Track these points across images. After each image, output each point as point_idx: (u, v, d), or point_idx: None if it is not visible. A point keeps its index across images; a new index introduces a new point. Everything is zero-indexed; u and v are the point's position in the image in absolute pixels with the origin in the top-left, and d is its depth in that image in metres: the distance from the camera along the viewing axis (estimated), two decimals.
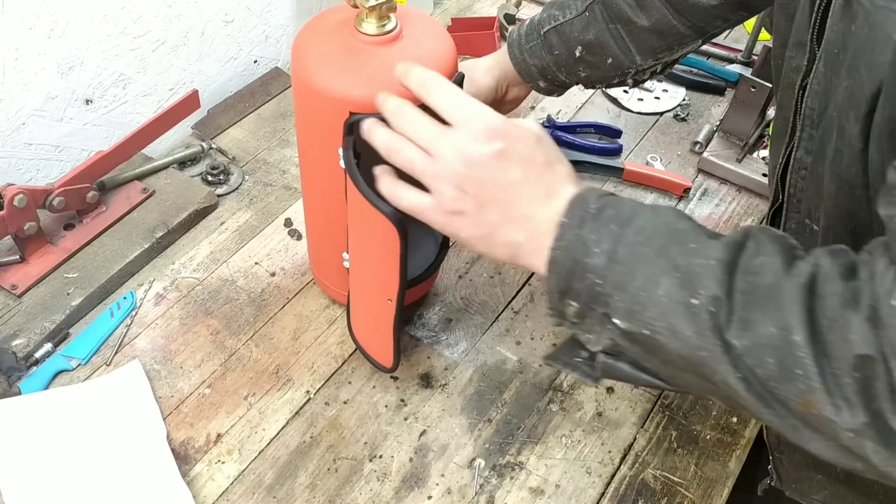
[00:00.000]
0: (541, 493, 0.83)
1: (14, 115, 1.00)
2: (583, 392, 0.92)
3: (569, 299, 0.56)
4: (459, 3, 1.53)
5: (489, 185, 0.58)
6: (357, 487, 0.83)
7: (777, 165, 0.68)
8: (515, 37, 0.93)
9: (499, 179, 0.58)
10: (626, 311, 0.53)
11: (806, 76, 0.61)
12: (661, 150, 1.23)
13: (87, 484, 0.80)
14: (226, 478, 0.83)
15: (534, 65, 0.92)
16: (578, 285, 0.55)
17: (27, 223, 0.95)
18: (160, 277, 1.01)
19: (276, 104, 1.27)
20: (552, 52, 0.90)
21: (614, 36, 0.87)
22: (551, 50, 0.90)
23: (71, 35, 1.01)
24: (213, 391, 0.90)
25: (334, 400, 0.90)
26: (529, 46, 0.92)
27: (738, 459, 0.87)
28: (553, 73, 0.92)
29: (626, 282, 0.53)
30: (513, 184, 0.58)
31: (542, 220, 0.58)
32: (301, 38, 0.78)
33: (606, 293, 0.54)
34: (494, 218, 0.59)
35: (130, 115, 1.15)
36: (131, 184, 1.08)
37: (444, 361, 0.94)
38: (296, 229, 1.08)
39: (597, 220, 0.55)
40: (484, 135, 0.58)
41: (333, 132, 0.75)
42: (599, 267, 0.54)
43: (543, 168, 0.60)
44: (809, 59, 0.60)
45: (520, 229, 0.59)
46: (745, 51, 1.38)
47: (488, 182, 0.58)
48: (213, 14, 1.19)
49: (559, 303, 0.57)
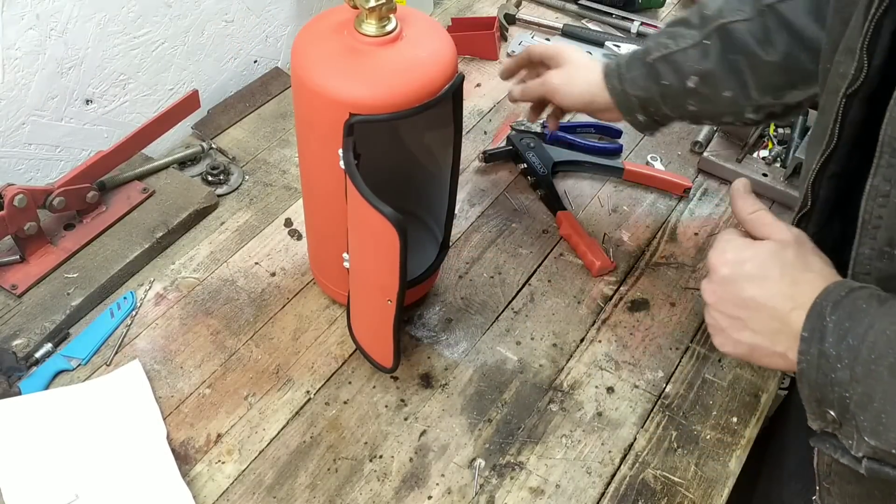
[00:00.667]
0: (541, 493, 0.83)
1: (14, 115, 1.00)
2: (583, 392, 0.92)
3: (825, 408, 0.57)
4: (459, 4, 1.53)
5: (729, 304, 0.63)
6: (357, 487, 0.83)
7: (810, 170, 0.66)
8: (614, 67, 0.90)
9: (735, 299, 0.62)
10: (872, 431, 0.53)
11: (851, 85, 0.60)
12: (661, 150, 1.23)
13: (87, 484, 0.80)
14: (226, 478, 0.83)
15: (635, 96, 0.89)
16: (830, 396, 0.55)
17: (27, 223, 0.95)
18: (160, 277, 1.01)
19: (276, 104, 1.27)
20: (659, 81, 0.86)
21: (734, 69, 0.83)
22: (658, 80, 0.86)
23: (71, 35, 1.01)
24: (213, 391, 0.90)
25: (334, 400, 0.90)
26: (631, 76, 0.88)
27: (738, 459, 0.87)
28: (657, 106, 0.89)
29: (866, 402, 0.53)
30: (749, 301, 0.61)
31: (786, 333, 0.59)
32: (301, 38, 0.78)
33: (853, 410, 0.54)
34: (744, 335, 0.62)
35: (130, 115, 1.15)
36: (131, 184, 1.08)
37: (444, 361, 0.94)
38: (296, 229, 1.08)
39: (835, 334, 0.55)
40: (717, 261, 0.64)
41: (333, 133, 0.75)
42: (845, 381, 0.54)
43: (780, 281, 0.61)
44: (857, 69, 0.59)
45: (772, 343, 0.61)
46: None
47: (728, 301, 0.63)
48: (213, 14, 1.19)
49: (817, 409, 0.58)
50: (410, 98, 0.74)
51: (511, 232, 1.10)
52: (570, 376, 0.93)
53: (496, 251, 1.07)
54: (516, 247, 1.08)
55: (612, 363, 0.95)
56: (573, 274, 1.05)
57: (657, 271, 1.05)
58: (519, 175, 1.18)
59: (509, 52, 1.39)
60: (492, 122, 1.27)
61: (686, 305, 1.01)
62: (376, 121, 0.74)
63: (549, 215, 1.12)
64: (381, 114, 0.74)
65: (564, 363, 0.95)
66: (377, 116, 0.74)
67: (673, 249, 1.08)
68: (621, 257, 1.07)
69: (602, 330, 0.98)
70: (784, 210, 1.13)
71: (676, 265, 1.06)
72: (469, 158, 1.19)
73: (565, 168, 1.18)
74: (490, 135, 1.25)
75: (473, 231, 1.10)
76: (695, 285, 1.04)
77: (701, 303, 0.68)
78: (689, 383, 0.93)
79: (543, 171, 1.14)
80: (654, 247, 1.09)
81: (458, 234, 1.09)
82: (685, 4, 1.53)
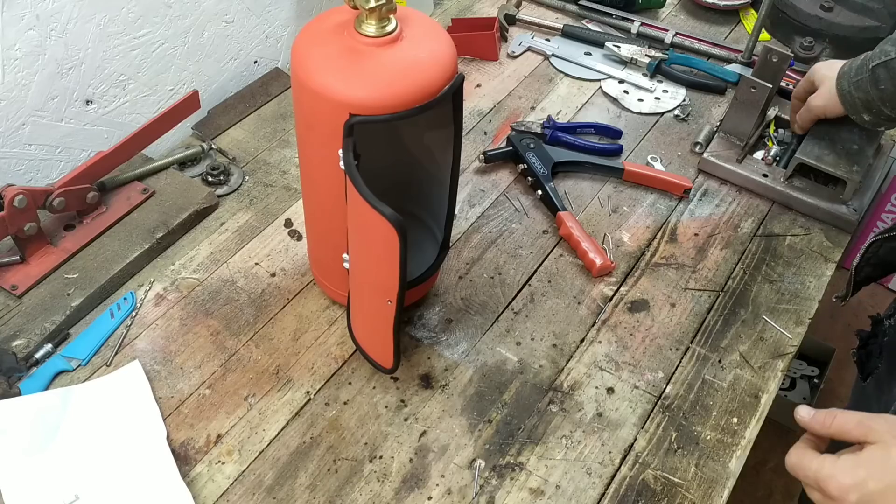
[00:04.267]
0: (541, 494, 0.83)
1: (14, 116, 1.00)
2: (583, 393, 0.92)
3: None
4: (459, 4, 1.53)
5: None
6: (357, 488, 0.83)
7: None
8: (846, 69, 1.01)
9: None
10: None
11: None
12: (661, 151, 1.23)
13: (87, 484, 0.80)
14: (226, 478, 0.83)
15: (858, 98, 1.00)
16: None
17: (27, 224, 0.95)
18: (160, 278, 1.01)
19: (276, 105, 1.27)
20: (878, 86, 0.97)
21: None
22: (877, 84, 0.97)
23: (71, 36, 1.01)
24: (213, 392, 0.90)
25: (334, 400, 0.90)
26: (857, 80, 0.99)
27: (739, 460, 0.87)
28: (878, 108, 0.99)
29: None
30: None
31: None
32: (301, 39, 0.78)
33: None
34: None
35: (130, 116, 1.15)
36: (131, 184, 1.08)
37: (444, 362, 0.94)
38: (296, 230, 1.08)
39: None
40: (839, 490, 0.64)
41: (333, 133, 0.75)
42: None
43: None
44: None
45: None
46: (745, 51, 1.38)
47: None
48: (214, 15, 1.19)
49: None
50: (410, 99, 0.74)
51: (511, 232, 1.10)
52: (570, 377, 0.93)
53: (496, 251, 1.07)
54: (516, 247, 1.08)
55: (613, 364, 0.95)
56: (573, 274, 1.05)
57: (657, 272, 1.05)
58: (519, 175, 1.18)
59: (509, 53, 1.40)
60: (492, 123, 1.27)
61: (686, 306, 1.01)
62: (376, 121, 0.74)
63: (549, 216, 1.12)
64: (381, 114, 0.74)
65: (564, 364, 0.95)
66: (377, 117, 0.74)
67: (673, 250, 1.08)
68: (621, 258, 1.07)
69: (602, 330, 0.98)
70: (784, 210, 1.13)
71: (676, 266, 1.06)
72: (469, 159, 1.19)
73: (565, 168, 1.18)
74: (490, 135, 1.25)
75: (473, 231, 1.10)
76: (695, 286, 1.04)
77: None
78: (689, 384, 0.93)
79: (543, 172, 1.14)
80: (654, 247, 1.09)
81: (458, 235, 1.09)
82: (685, 4, 1.53)
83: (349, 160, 0.74)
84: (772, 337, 0.98)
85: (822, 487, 0.65)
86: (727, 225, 1.12)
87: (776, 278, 1.05)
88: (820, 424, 0.67)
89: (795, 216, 1.13)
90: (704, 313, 1.01)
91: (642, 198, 1.16)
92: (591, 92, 1.33)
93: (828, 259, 1.08)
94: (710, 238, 1.10)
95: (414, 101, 0.75)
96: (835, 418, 0.66)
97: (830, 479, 0.64)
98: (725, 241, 1.10)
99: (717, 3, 1.50)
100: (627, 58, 1.37)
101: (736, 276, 1.05)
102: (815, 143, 1.12)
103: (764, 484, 1.79)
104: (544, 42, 1.42)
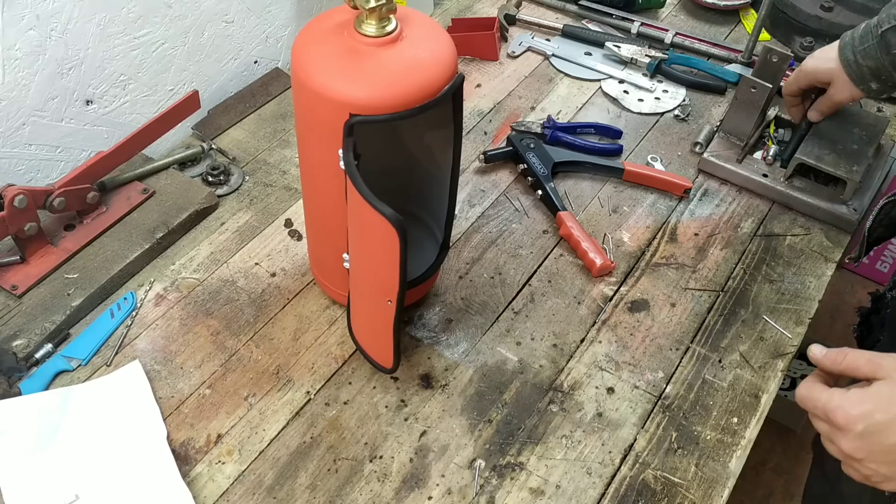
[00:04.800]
0: (541, 494, 0.83)
1: (14, 116, 1.00)
2: (583, 393, 0.92)
3: None
4: (459, 4, 1.53)
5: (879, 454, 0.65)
6: (357, 488, 0.83)
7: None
8: (848, 39, 0.98)
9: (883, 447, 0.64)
10: None
11: None
12: (661, 151, 1.23)
13: (87, 484, 0.80)
14: (226, 478, 0.83)
15: (867, 66, 0.97)
16: None
17: (27, 224, 0.95)
18: (160, 278, 1.01)
19: (276, 105, 1.27)
20: (890, 51, 0.95)
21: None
22: (889, 49, 0.94)
23: (71, 36, 1.01)
24: (213, 392, 0.90)
25: (334, 400, 0.90)
26: (864, 48, 0.96)
27: (739, 460, 0.87)
28: (888, 74, 0.96)
29: None
30: None
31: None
32: (301, 39, 0.78)
33: None
34: None
35: (130, 116, 1.15)
36: (132, 184, 1.08)
37: (444, 362, 0.94)
38: (296, 230, 1.08)
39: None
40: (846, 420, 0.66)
41: (333, 133, 0.75)
42: None
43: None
44: None
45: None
46: (745, 51, 1.38)
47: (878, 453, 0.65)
48: (214, 15, 1.19)
49: None
50: (410, 99, 0.74)
51: (511, 232, 1.10)
52: (570, 377, 0.93)
53: (496, 251, 1.07)
54: (516, 247, 1.08)
55: (613, 364, 0.95)
56: (573, 274, 1.05)
57: (657, 272, 1.06)
58: (519, 175, 1.18)
59: (509, 53, 1.40)
60: (492, 123, 1.27)
61: (686, 306, 1.01)
62: (376, 121, 0.74)
63: (549, 215, 1.12)
64: (381, 114, 0.74)
65: (564, 364, 0.95)
66: (377, 117, 0.74)
67: (673, 250, 1.08)
68: (621, 258, 1.07)
69: (602, 330, 0.98)
70: (784, 210, 1.13)
71: (676, 266, 1.06)
72: (469, 159, 1.19)
73: (565, 168, 1.18)
74: (490, 135, 1.25)
75: (473, 231, 1.10)
76: (695, 286, 1.04)
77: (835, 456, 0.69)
78: (689, 384, 0.93)
79: (543, 172, 1.14)
80: (654, 247, 1.09)
81: (458, 235, 1.09)
82: (685, 4, 1.53)
83: (349, 160, 0.74)
84: (772, 337, 0.99)
85: (830, 418, 0.66)
86: (727, 225, 1.12)
87: (776, 278, 1.05)
88: (831, 361, 0.68)
89: (795, 216, 1.13)
90: (704, 313, 1.01)
91: (642, 198, 1.16)
92: (591, 92, 1.34)
93: (828, 259, 1.08)
94: (711, 238, 1.10)
95: (414, 101, 0.75)
96: (846, 356, 0.67)
97: (838, 410, 0.65)
98: (725, 240, 1.10)
99: (717, 3, 1.50)
100: (627, 58, 1.37)
101: (736, 276, 1.05)
102: (815, 143, 1.12)
103: (764, 484, 1.79)
104: (544, 42, 1.42)
